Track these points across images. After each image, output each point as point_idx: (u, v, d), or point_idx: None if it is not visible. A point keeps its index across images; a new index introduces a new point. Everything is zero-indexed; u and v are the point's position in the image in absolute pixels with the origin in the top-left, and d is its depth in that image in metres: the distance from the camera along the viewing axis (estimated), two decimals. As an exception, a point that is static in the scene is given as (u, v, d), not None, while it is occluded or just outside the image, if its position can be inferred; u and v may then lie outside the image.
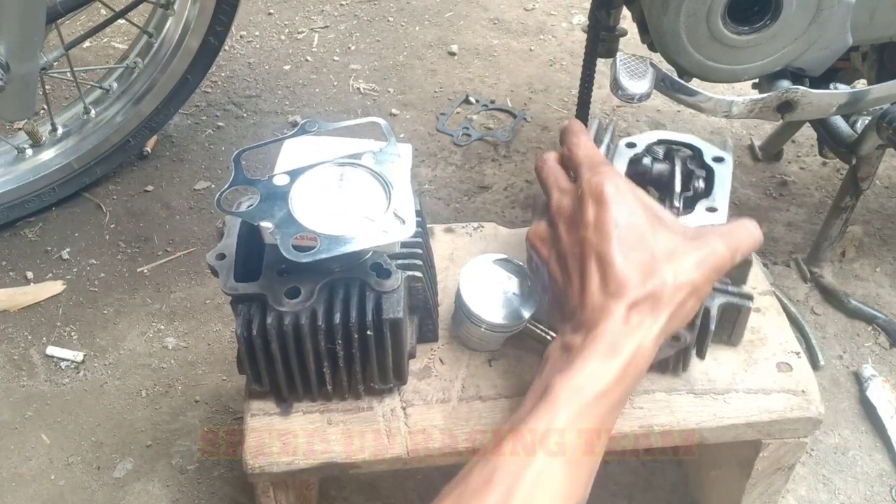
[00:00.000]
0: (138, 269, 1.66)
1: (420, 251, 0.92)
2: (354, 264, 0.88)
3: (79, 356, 1.50)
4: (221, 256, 0.90)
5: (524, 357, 1.01)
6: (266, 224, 0.83)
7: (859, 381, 1.48)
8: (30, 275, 1.64)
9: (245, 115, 2.00)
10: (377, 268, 0.88)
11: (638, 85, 1.18)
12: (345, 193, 0.87)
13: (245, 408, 0.95)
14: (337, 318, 0.85)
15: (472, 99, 2.05)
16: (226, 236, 0.92)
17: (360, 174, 0.89)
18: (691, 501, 1.32)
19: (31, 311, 1.58)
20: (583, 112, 1.64)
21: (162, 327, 1.56)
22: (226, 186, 0.86)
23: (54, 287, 1.62)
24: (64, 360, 1.50)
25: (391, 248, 0.88)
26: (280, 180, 0.86)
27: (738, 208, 1.76)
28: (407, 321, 0.89)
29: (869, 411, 1.44)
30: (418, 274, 0.90)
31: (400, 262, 0.90)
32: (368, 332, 0.86)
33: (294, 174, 0.87)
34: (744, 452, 1.05)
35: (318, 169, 0.88)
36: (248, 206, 0.85)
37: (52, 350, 1.51)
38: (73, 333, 1.54)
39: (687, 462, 1.33)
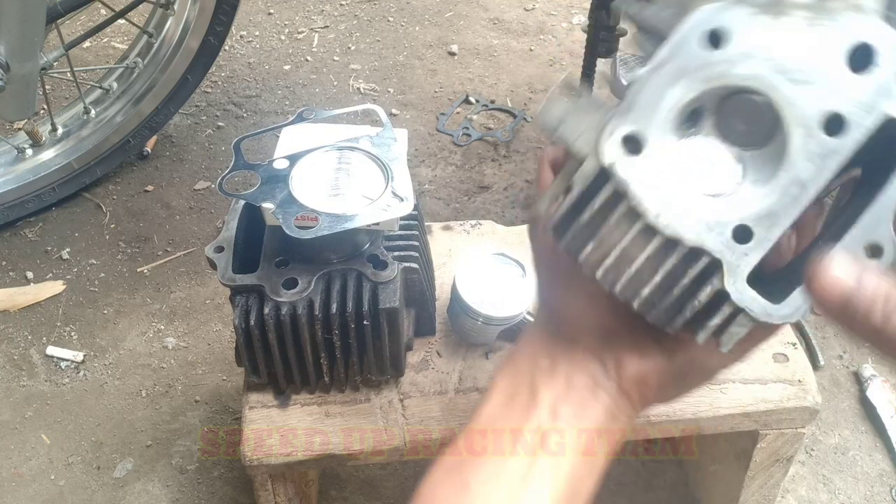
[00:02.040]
0: (138, 269, 1.66)
1: (416, 244, 0.92)
2: (352, 255, 0.88)
3: (79, 356, 1.50)
4: (220, 249, 0.90)
5: (522, 350, 1.01)
6: (268, 205, 0.83)
7: (859, 381, 1.47)
8: (30, 275, 1.64)
9: (245, 115, 2.00)
10: (374, 259, 0.88)
11: None
12: (344, 175, 0.88)
13: (243, 400, 0.96)
14: (334, 307, 0.85)
15: (472, 99, 2.05)
16: (224, 230, 0.93)
17: (358, 157, 0.89)
18: (692, 501, 1.31)
19: (31, 311, 1.58)
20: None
21: (162, 327, 1.56)
22: (227, 171, 0.87)
23: (54, 287, 1.62)
24: (64, 360, 1.50)
25: (392, 226, 0.88)
26: (280, 164, 0.87)
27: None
28: (403, 312, 0.90)
29: (869, 411, 1.43)
30: (415, 266, 0.90)
31: (396, 254, 0.90)
32: (365, 322, 0.86)
33: (293, 158, 0.87)
34: (742, 444, 1.05)
35: (317, 153, 0.89)
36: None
37: (52, 350, 1.51)
38: (73, 333, 1.54)
39: (687, 461, 1.33)
